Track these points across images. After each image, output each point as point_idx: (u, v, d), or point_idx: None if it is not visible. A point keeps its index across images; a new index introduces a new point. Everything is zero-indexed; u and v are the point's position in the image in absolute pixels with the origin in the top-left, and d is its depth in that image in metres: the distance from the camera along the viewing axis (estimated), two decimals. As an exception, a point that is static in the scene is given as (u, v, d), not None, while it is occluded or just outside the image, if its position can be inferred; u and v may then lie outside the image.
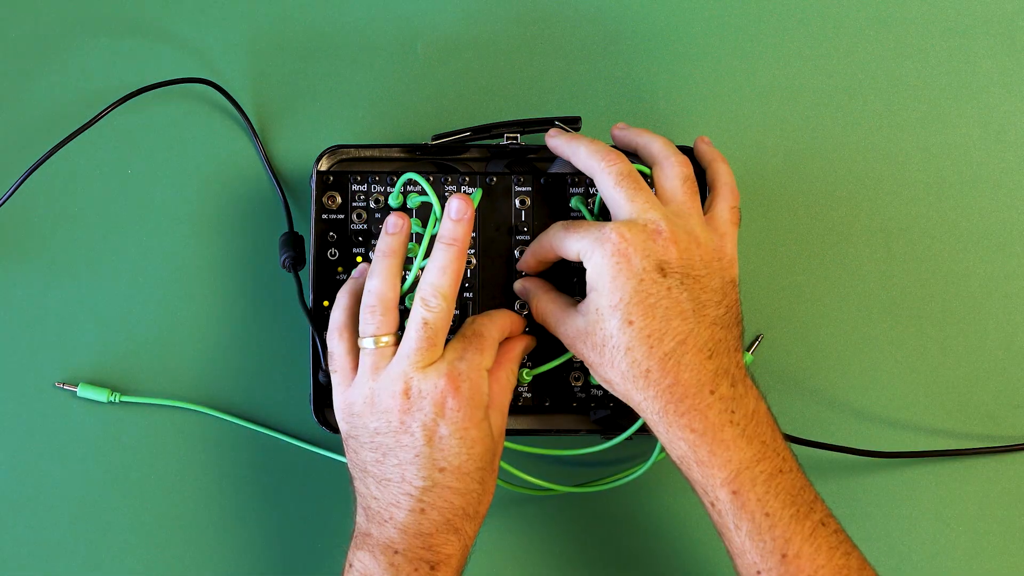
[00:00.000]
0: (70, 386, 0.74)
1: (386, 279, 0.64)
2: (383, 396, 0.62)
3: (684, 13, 0.80)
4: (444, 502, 0.61)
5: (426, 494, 0.61)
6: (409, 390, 0.62)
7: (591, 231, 0.63)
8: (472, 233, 0.67)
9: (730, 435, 0.61)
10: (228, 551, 0.74)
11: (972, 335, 0.78)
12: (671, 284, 0.62)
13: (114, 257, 0.76)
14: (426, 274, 0.63)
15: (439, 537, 0.61)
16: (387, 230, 0.66)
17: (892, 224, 0.79)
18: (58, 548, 0.74)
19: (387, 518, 0.61)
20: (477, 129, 0.72)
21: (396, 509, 0.61)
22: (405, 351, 0.63)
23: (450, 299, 0.63)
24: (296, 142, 0.77)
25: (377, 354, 0.63)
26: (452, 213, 0.64)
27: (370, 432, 0.63)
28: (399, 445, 0.62)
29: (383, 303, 0.64)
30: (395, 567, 0.61)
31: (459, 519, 0.61)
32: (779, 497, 0.61)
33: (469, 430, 0.62)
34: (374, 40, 0.79)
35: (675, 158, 0.66)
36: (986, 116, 0.80)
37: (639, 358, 0.61)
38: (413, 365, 0.62)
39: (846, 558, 0.61)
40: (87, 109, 0.75)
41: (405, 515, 0.61)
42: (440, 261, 0.63)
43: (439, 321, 0.63)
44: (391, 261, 0.65)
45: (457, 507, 0.61)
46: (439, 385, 0.62)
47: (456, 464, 0.61)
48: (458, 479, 0.61)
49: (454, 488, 0.61)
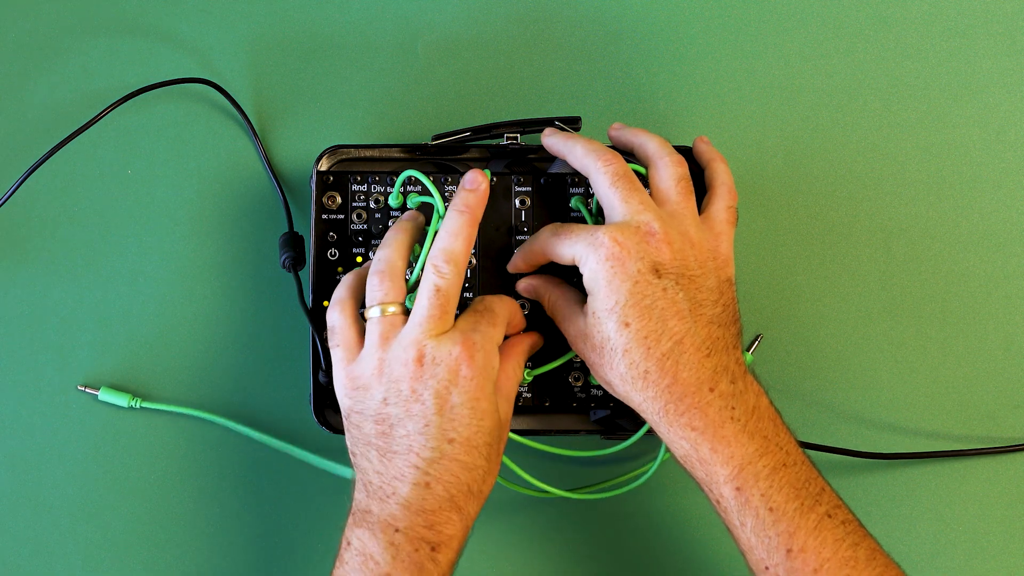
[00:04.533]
0: (92, 389, 0.74)
1: (396, 248, 0.64)
2: (394, 365, 0.61)
3: (684, 13, 0.80)
4: (450, 475, 0.60)
5: (432, 466, 0.60)
6: (423, 357, 0.61)
7: (583, 236, 0.63)
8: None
9: (731, 431, 0.61)
10: (232, 558, 0.74)
11: (972, 335, 0.78)
12: (666, 285, 0.61)
13: (114, 257, 0.76)
14: (437, 240, 0.63)
15: (441, 515, 0.60)
16: (404, 216, 0.67)
17: (892, 224, 0.79)
18: (60, 549, 0.74)
19: (390, 493, 0.60)
20: (477, 129, 0.72)
21: (400, 483, 0.60)
22: (417, 319, 0.62)
23: (461, 265, 0.62)
24: (296, 142, 0.78)
25: (385, 323, 0.62)
26: (467, 184, 0.64)
27: (377, 403, 0.61)
28: (408, 415, 0.61)
29: (391, 270, 0.63)
30: (395, 546, 0.59)
31: (463, 496, 0.60)
32: (783, 491, 0.61)
33: (480, 400, 0.61)
34: (374, 40, 0.79)
35: (670, 158, 0.66)
36: (986, 116, 0.80)
37: (637, 360, 0.61)
38: (426, 333, 0.61)
39: (853, 549, 0.61)
40: (87, 109, 0.75)
41: (409, 489, 0.60)
42: (451, 226, 0.63)
43: (450, 287, 0.62)
44: (402, 236, 0.65)
45: (462, 482, 0.60)
46: (454, 352, 0.61)
47: (466, 436, 0.60)
48: (466, 452, 0.60)
49: (461, 461, 0.60)
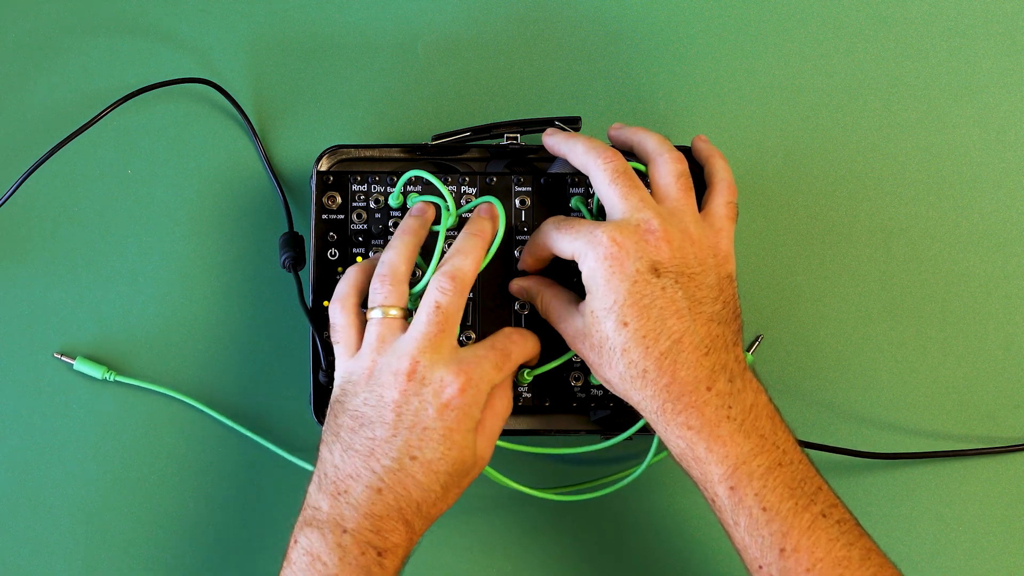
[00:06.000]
0: (67, 358, 0.74)
1: (400, 253, 0.65)
2: (384, 371, 0.62)
3: (684, 13, 0.80)
4: (403, 489, 0.60)
5: (389, 475, 0.60)
6: (414, 373, 0.61)
7: (583, 232, 0.63)
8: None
9: (727, 430, 0.61)
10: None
11: (972, 335, 0.78)
12: (665, 283, 0.61)
13: (114, 257, 0.76)
14: (447, 256, 0.64)
15: (389, 523, 0.60)
16: (411, 212, 0.68)
17: (892, 224, 0.79)
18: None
19: (342, 490, 0.60)
20: (477, 129, 0.72)
21: (353, 482, 0.60)
22: (415, 333, 0.62)
23: (465, 285, 0.63)
24: (296, 142, 0.77)
25: (384, 325, 0.63)
26: (482, 212, 0.67)
27: (359, 401, 0.62)
28: (381, 420, 0.61)
29: (394, 274, 0.64)
30: (343, 548, 0.59)
31: (411, 511, 0.60)
32: (777, 491, 0.60)
33: (455, 432, 0.61)
34: (374, 40, 0.79)
35: (669, 155, 0.66)
36: (986, 116, 0.80)
37: (636, 359, 0.61)
38: (422, 349, 0.61)
39: (847, 549, 0.60)
40: (87, 109, 0.75)
41: (361, 490, 0.60)
42: (463, 245, 0.64)
43: (451, 306, 0.62)
44: (408, 239, 0.65)
45: (413, 500, 0.60)
46: (446, 380, 0.61)
47: (429, 458, 0.60)
48: (425, 474, 0.60)
49: (417, 480, 0.60)
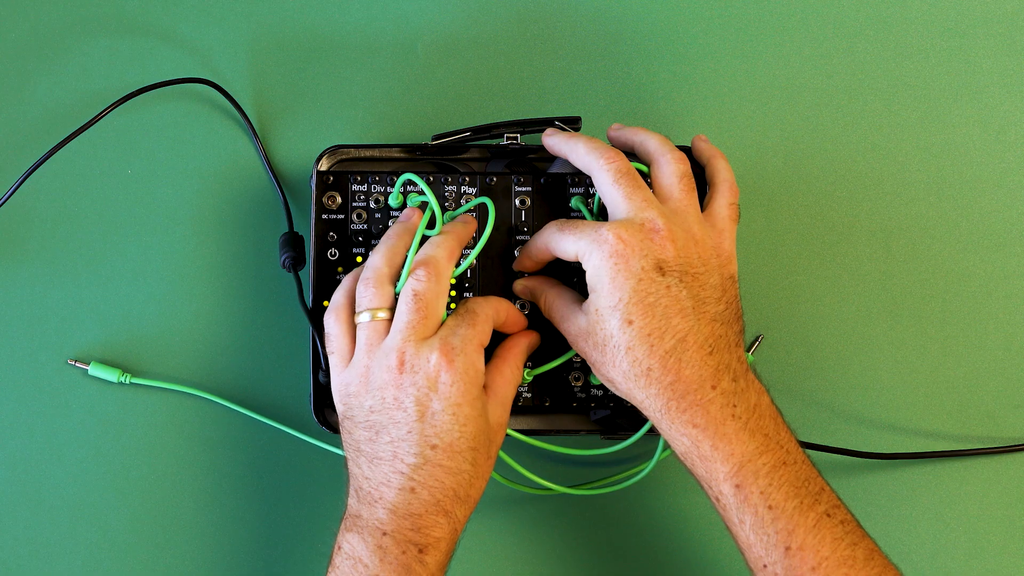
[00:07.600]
0: (82, 364, 0.74)
1: (383, 256, 0.65)
2: (378, 372, 0.62)
3: (684, 13, 0.80)
4: (435, 481, 0.61)
5: (417, 472, 0.61)
6: (403, 364, 0.62)
7: (587, 232, 0.63)
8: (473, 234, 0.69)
9: (732, 429, 0.61)
10: (224, 539, 0.74)
11: (972, 335, 0.78)
12: (670, 282, 0.62)
13: (114, 258, 0.76)
14: (420, 251, 0.65)
15: (428, 519, 0.61)
16: (400, 219, 0.68)
17: (892, 224, 0.79)
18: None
19: (377, 498, 0.61)
20: (477, 129, 0.72)
21: (386, 488, 0.61)
22: (399, 325, 0.63)
23: (440, 271, 0.64)
24: (296, 142, 0.77)
25: (371, 328, 0.64)
26: (459, 219, 0.69)
27: (365, 411, 0.62)
28: (392, 422, 0.61)
29: (377, 277, 0.64)
30: (383, 549, 0.60)
31: (449, 500, 0.61)
32: (782, 489, 0.61)
33: (462, 406, 0.61)
34: (374, 40, 0.79)
35: (671, 155, 0.66)
36: (986, 116, 0.80)
37: (640, 357, 0.61)
38: (406, 339, 0.62)
39: (852, 548, 0.61)
40: (87, 109, 0.75)
41: (395, 494, 0.61)
42: (435, 239, 0.66)
43: (429, 292, 0.63)
44: (393, 241, 0.66)
45: (447, 487, 0.61)
46: (432, 358, 0.62)
47: (448, 441, 0.61)
48: (449, 457, 0.61)
49: (445, 467, 0.61)
